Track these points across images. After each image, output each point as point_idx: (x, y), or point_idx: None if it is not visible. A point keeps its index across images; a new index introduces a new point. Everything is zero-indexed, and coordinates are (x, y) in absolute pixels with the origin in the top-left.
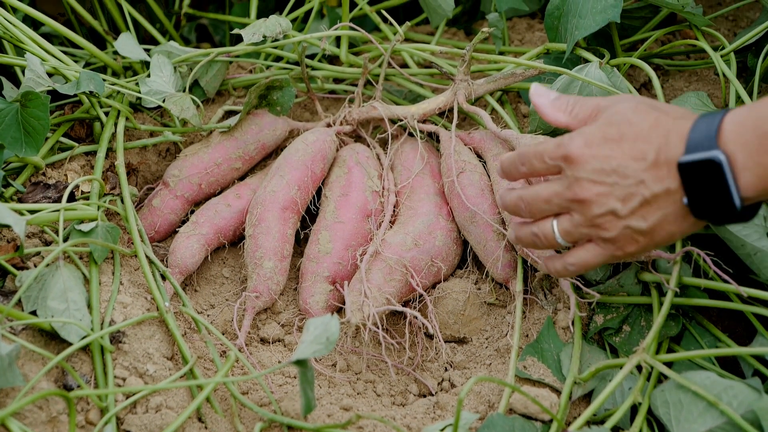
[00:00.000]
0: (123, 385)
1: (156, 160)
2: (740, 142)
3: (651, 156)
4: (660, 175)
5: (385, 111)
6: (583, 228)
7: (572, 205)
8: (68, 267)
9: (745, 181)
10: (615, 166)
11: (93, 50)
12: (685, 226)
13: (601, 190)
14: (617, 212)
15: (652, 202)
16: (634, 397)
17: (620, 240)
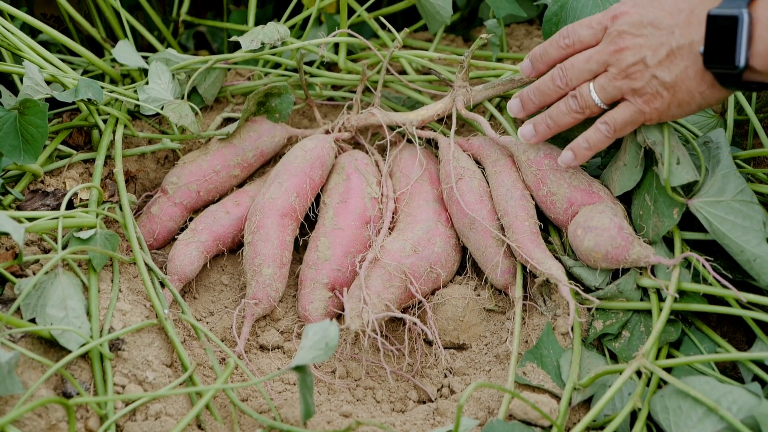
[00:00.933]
0: (122, 392)
1: (154, 167)
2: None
3: (685, 11)
4: (689, 30)
5: (383, 117)
6: (617, 80)
7: (611, 58)
8: (67, 274)
9: (759, 47)
10: (652, 19)
11: (91, 58)
12: (704, 86)
13: (638, 41)
14: (647, 61)
15: (677, 53)
16: (634, 402)
17: (647, 92)
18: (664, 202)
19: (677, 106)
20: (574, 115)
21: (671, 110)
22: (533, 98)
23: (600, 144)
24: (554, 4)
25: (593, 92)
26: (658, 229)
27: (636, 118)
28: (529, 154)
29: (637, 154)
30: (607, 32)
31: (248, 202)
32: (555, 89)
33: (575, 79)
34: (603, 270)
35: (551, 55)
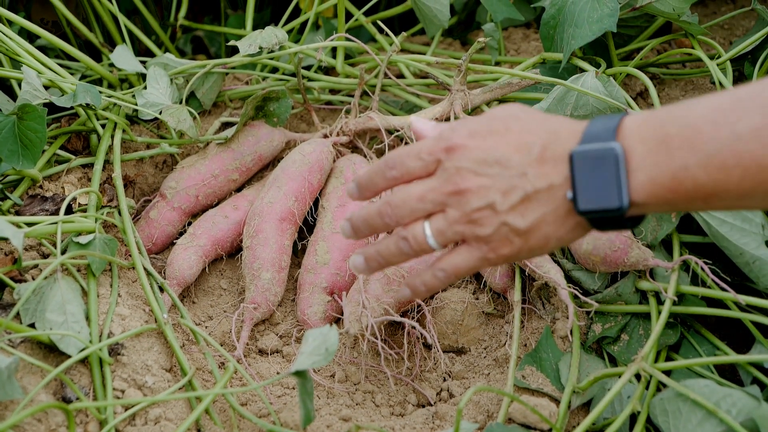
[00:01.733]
0: (122, 397)
1: (153, 172)
2: (639, 139)
3: (536, 149)
4: (545, 170)
5: (381, 121)
6: (459, 225)
7: (450, 199)
8: (66, 279)
9: (638, 182)
10: (498, 157)
11: (89, 63)
12: (563, 230)
13: (483, 181)
14: (496, 206)
15: (533, 198)
16: (633, 405)
17: (495, 239)
18: None
19: (528, 251)
20: (408, 256)
21: (520, 255)
22: (363, 228)
23: (438, 288)
24: (552, 8)
25: (429, 237)
26: (657, 233)
27: (479, 264)
28: None
29: None
30: (441, 166)
31: (247, 206)
32: (384, 225)
33: (407, 218)
34: (602, 273)
35: (378, 186)
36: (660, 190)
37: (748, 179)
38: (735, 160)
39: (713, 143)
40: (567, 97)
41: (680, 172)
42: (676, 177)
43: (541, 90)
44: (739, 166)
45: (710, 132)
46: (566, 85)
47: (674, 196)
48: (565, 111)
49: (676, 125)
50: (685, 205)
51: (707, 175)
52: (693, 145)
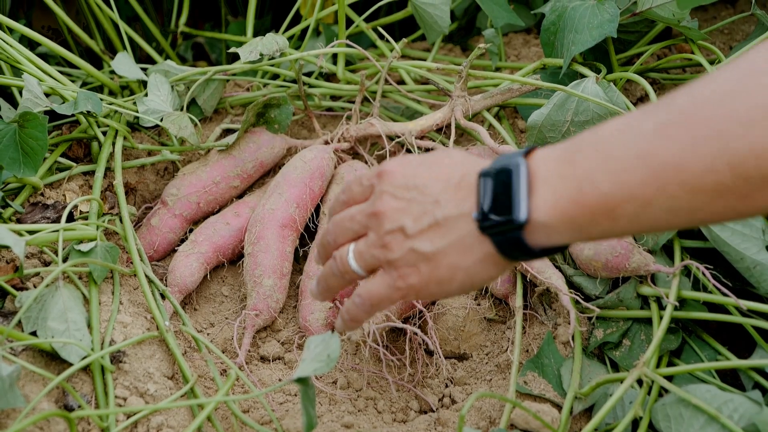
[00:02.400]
0: (124, 404)
1: (154, 179)
2: (546, 157)
3: (455, 179)
4: (458, 197)
5: (382, 128)
6: (374, 249)
7: (370, 221)
8: (68, 287)
9: (540, 197)
10: (417, 183)
11: (90, 70)
12: (471, 259)
13: (398, 205)
14: (406, 230)
15: (443, 225)
16: (635, 411)
17: (402, 264)
18: None
19: (437, 283)
20: (338, 278)
21: (429, 288)
22: (319, 250)
23: (360, 317)
24: (552, 13)
25: (351, 257)
26: (658, 238)
27: (391, 294)
28: None
29: None
30: (373, 191)
31: (248, 213)
32: (329, 244)
33: (341, 237)
34: (603, 279)
35: (336, 210)
36: (564, 203)
37: (650, 180)
38: (638, 161)
39: (618, 148)
40: (567, 102)
41: (584, 182)
42: (581, 188)
43: (542, 96)
44: (641, 166)
45: (616, 138)
46: (567, 90)
47: (579, 210)
48: (566, 116)
49: (586, 140)
50: (590, 223)
51: (610, 182)
52: (598, 152)
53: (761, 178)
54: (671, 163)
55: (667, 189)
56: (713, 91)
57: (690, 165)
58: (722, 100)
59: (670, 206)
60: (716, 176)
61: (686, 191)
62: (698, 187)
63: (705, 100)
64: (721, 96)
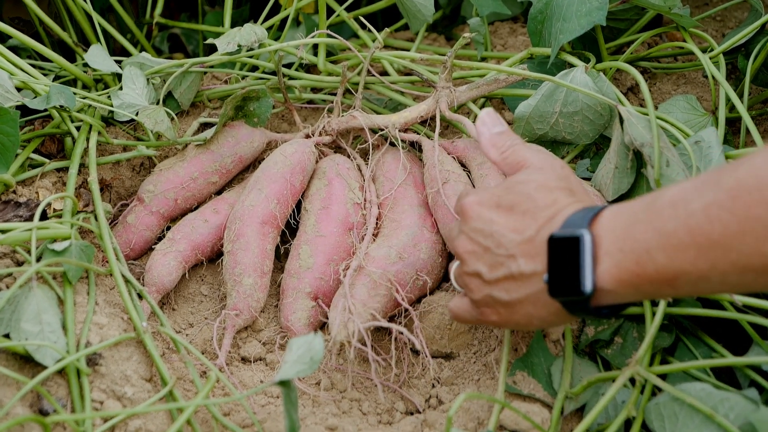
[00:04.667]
0: (101, 408)
1: (130, 175)
2: (609, 228)
3: (530, 232)
4: (531, 253)
5: (365, 120)
6: (462, 279)
7: (457, 257)
8: (42, 288)
9: (604, 268)
10: (493, 231)
11: (62, 63)
12: (545, 312)
13: (473, 248)
14: (483, 276)
15: (518, 279)
16: (628, 410)
17: (482, 305)
18: None
19: (515, 324)
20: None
21: (508, 326)
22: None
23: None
24: (539, 2)
25: (452, 275)
26: None
27: (472, 319)
28: None
29: (626, 156)
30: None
31: (227, 209)
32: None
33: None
34: None
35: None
36: (625, 275)
37: (702, 258)
38: (689, 239)
39: (671, 223)
40: (556, 93)
41: (643, 256)
42: (640, 261)
43: (530, 86)
44: (693, 245)
45: (669, 213)
46: (555, 81)
47: (639, 281)
48: (554, 108)
49: (643, 211)
50: (653, 291)
51: (666, 257)
52: (655, 228)
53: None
54: (718, 243)
55: (718, 266)
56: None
57: (736, 247)
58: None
59: (723, 281)
60: (762, 259)
61: (736, 269)
62: (746, 266)
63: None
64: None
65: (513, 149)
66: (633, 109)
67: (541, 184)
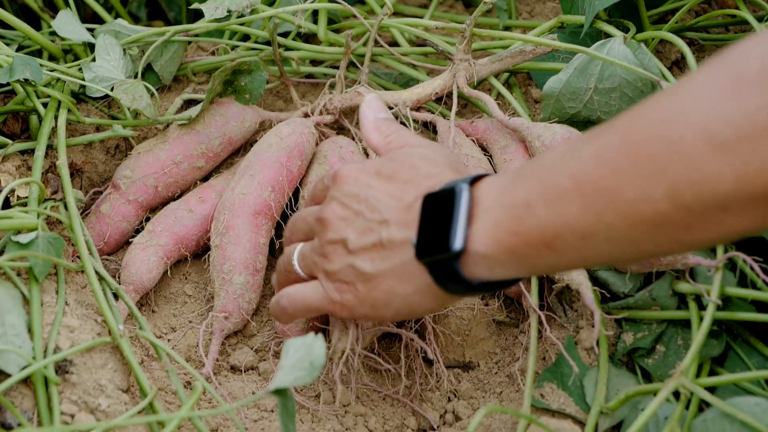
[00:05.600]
0: (71, 422)
1: (104, 158)
2: (492, 187)
3: (408, 199)
4: (406, 220)
5: None
6: (316, 254)
7: (316, 226)
8: (4, 285)
9: (480, 226)
10: (369, 196)
11: (27, 31)
12: (410, 288)
13: (344, 213)
14: (348, 243)
15: (387, 247)
16: (672, 428)
17: (339, 279)
18: None
19: (371, 305)
20: (283, 275)
21: (363, 309)
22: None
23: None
24: None
25: (295, 258)
26: None
27: (321, 304)
28: (544, 139)
29: None
30: (328, 193)
31: (215, 198)
32: (285, 240)
33: (294, 235)
34: (633, 274)
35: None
36: (502, 234)
37: (588, 210)
38: (574, 188)
39: (558, 175)
40: (590, 67)
41: (523, 211)
42: (519, 216)
43: (560, 59)
44: (578, 194)
45: (557, 164)
46: (589, 53)
47: (517, 242)
48: (588, 83)
49: (530, 166)
50: (532, 255)
51: (549, 210)
52: (539, 180)
53: (702, 208)
54: (606, 190)
55: (604, 218)
56: (652, 115)
57: (625, 192)
58: (659, 124)
59: (610, 237)
60: (654, 205)
61: (624, 221)
62: (636, 216)
63: (643, 124)
64: (659, 120)
65: (398, 133)
66: None
67: (426, 157)
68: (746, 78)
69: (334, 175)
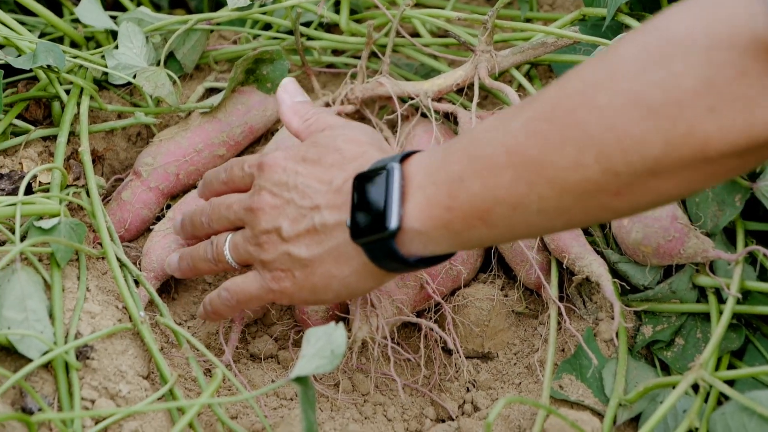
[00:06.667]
0: (91, 407)
1: (125, 145)
2: (423, 164)
3: (337, 182)
4: (337, 202)
5: (393, 88)
6: (249, 245)
7: (247, 215)
8: (26, 270)
9: (414, 203)
10: (298, 183)
11: (50, 18)
12: (348, 270)
13: (276, 202)
14: (282, 232)
15: (320, 231)
16: (690, 421)
17: (276, 267)
18: (725, 187)
19: (310, 290)
20: (210, 264)
21: (302, 294)
22: (186, 224)
23: (224, 312)
24: None
25: (226, 248)
26: (719, 219)
27: (261, 294)
28: None
29: None
30: (254, 181)
31: None
32: (201, 224)
33: (216, 223)
34: (653, 266)
35: (214, 187)
36: (436, 210)
37: (519, 180)
38: (505, 159)
39: (487, 146)
40: None
41: (455, 185)
42: (452, 192)
43: (581, 51)
44: (509, 165)
45: (488, 137)
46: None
47: (451, 217)
48: None
49: (460, 141)
50: (465, 230)
51: (481, 184)
52: (470, 154)
53: (631, 173)
54: (536, 159)
55: (535, 188)
56: (580, 82)
57: (555, 161)
58: (587, 91)
59: (541, 207)
60: (584, 172)
61: (554, 190)
62: (566, 185)
63: (571, 92)
64: (587, 87)
65: (318, 116)
66: None
67: (349, 138)
68: (673, 43)
69: (259, 164)
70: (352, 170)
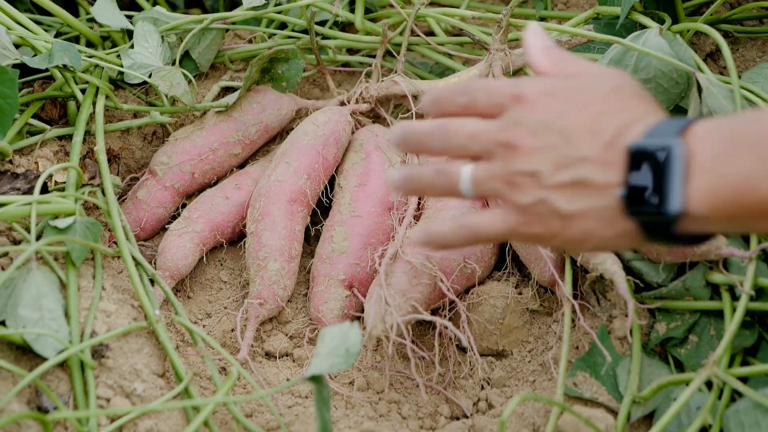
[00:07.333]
0: (107, 406)
1: (141, 145)
2: (707, 143)
3: (607, 135)
4: (607, 160)
5: (408, 86)
6: (498, 182)
7: (498, 149)
8: (42, 269)
9: (696, 188)
10: (565, 128)
11: (65, 17)
12: (609, 232)
13: (536, 144)
14: (542, 176)
15: (586, 187)
16: (704, 418)
17: (531, 212)
18: None
19: (563, 241)
20: (438, 191)
21: (554, 242)
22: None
23: (456, 246)
24: None
25: (465, 180)
26: None
27: (507, 234)
28: None
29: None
30: (505, 112)
31: (251, 185)
32: (431, 147)
33: (452, 149)
34: (667, 264)
35: (446, 110)
36: (722, 202)
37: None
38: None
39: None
40: (626, 58)
41: (743, 183)
42: (740, 189)
43: (595, 50)
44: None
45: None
46: (624, 44)
47: (738, 211)
48: None
49: (745, 132)
50: (752, 223)
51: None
52: (757, 154)
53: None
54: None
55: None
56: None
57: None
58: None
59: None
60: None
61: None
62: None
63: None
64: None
65: (572, 60)
66: (714, 77)
67: (613, 85)
68: None
69: (516, 95)
70: (622, 123)
